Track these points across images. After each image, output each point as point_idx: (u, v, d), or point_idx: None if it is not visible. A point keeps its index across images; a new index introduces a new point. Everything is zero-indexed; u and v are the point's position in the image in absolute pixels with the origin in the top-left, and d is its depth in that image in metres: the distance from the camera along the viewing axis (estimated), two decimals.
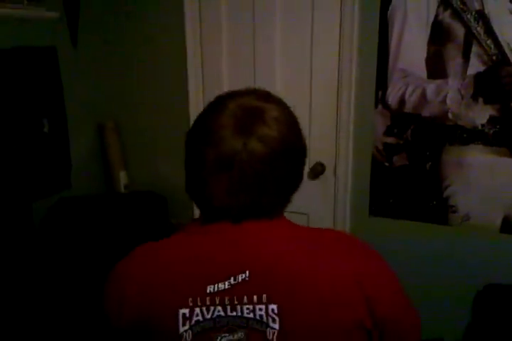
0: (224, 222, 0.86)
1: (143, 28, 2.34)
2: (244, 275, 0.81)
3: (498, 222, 1.89)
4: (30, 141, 2.13)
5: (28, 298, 1.98)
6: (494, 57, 1.76)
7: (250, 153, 0.81)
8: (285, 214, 0.93)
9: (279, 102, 0.90)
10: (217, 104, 0.88)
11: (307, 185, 2.08)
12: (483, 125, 1.83)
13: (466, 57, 1.80)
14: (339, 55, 2.00)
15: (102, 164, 2.53)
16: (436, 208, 1.97)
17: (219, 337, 0.79)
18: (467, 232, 1.94)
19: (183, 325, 0.80)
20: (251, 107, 0.85)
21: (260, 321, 0.79)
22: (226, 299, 0.80)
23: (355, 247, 0.90)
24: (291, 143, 0.86)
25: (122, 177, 2.46)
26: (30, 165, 2.13)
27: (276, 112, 0.86)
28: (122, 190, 2.46)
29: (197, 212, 2.65)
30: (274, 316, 0.79)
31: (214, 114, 0.86)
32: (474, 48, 1.78)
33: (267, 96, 0.89)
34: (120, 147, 2.48)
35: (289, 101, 0.93)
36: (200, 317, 0.80)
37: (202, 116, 0.89)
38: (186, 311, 0.80)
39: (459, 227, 1.95)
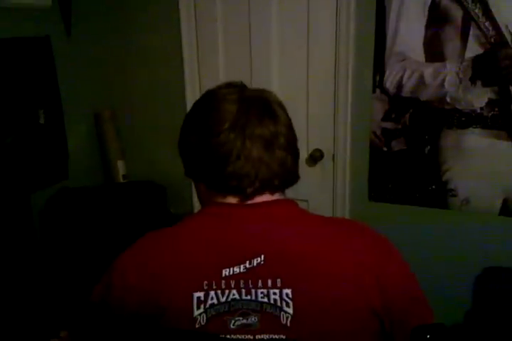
0: (243, 205, 0.88)
1: (138, 16, 2.31)
2: (259, 259, 0.82)
3: (498, 204, 1.89)
4: (27, 132, 2.12)
5: (27, 289, 1.99)
6: (492, 40, 1.74)
7: (277, 134, 0.87)
8: None
9: (262, 89, 0.95)
10: (217, 97, 0.92)
11: (306, 172, 2.11)
12: (481, 108, 1.82)
13: (464, 40, 1.79)
14: (336, 40, 1.99)
15: (100, 154, 2.52)
16: (435, 192, 1.97)
17: (233, 321, 0.80)
18: (467, 216, 1.94)
19: (198, 308, 0.80)
20: (256, 96, 0.91)
21: (274, 305, 0.79)
22: (241, 283, 0.81)
23: (366, 234, 0.91)
24: (290, 121, 0.94)
25: (120, 167, 2.45)
26: (27, 156, 2.13)
27: (274, 97, 0.93)
28: (121, 180, 2.45)
29: (196, 202, 2.65)
30: (288, 300, 0.79)
31: (216, 107, 0.89)
32: (472, 31, 1.76)
33: (254, 89, 0.94)
34: (117, 137, 2.47)
35: (286, 87, 0.98)
36: (215, 301, 0.80)
37: (196, 111, 0.94)
38: (201, 294, 0.81)
39: (459, 211, 1.95)
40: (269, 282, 0.80)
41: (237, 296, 0.80)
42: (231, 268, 0.82)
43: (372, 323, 0.82)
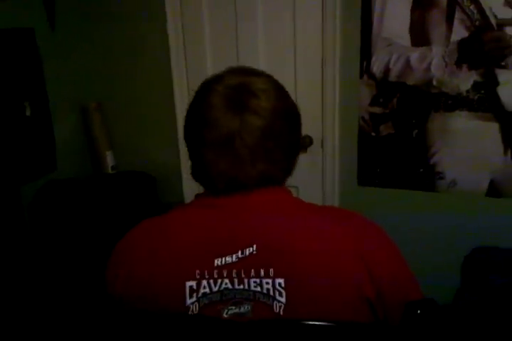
0: (231, 194, 0.87)
1: (123, 6, 2.28)
2: (251, 249, 0.82)
3: (485, 186, 1.92)
4: (13, 125, 2.09)
5: (17, 282, 1.99)
6: (477, 23, 1.76)
7: (248, 127, 0.84)
8: None
9: (261, 74, 0.92)
10: (205, 89, 0.90)
11: None
12: (467, 91, 1.84)
13: (449, 24, 1.80)
14: (322, 26, 1.99)
15: (88, 146, 2.50)
16: (423, 175, 2.00)
17: (226, 310, 0.80)
18: (454, 198, 1.98)
19: (190, 297, 0.81)
20: (237, 84, 0.87)
21: (267, 294, 0.80)
22: (233, 272, 0.81)
23: (356, 221, 0.91)
24: (282, 110, 0.89)
25: (109, 158, 2.44)
26: (14, 149, 2.11)
27: (262, 84, 0.88)
28: (109, 170, 2.44)
29: (187, 192, 2.64)
30: (280, 290, 0.80)
31: (204, 98, 0.88)
32: (457, 14, 1.78)
33: (249, 71, 0.92)
34: (105, 128, 2.45)
35: (273, 74, 0.95)
36: (207, 290, 0.81)
37: (194, 103, 0.92)
38: (193, 283, 0.81)
39: (446, 193, 1.98)
40: (262, 272, 0.81)
41: (229, 285, 0.81)
42: (223, 258, 0.82)
43: (365, 311, 0.83)
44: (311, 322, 0.78)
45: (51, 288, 2.04)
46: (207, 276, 0.82)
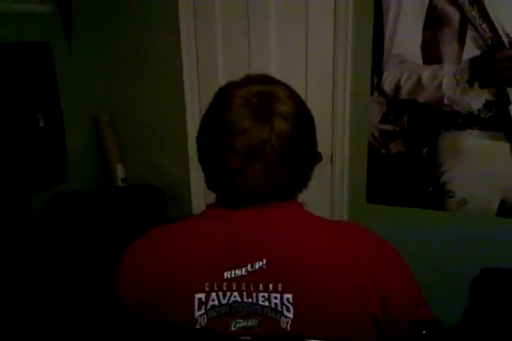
0: (245, 207, 0.86)
1: (137, 21, 2.33)
2: (261, 263, 0.81)
3: (495, 206, 1.90)
4: (26, 136, 2.12)
5: (26, 292, 1.99)
6: (489, 41, 1.76)
7: (278, 133, 0.83)
8: None
9: (279, 82, 0.93)
10: (226, 96, 0.88)
11: None
12: (479, 110, 1.83)
13: (461, 42, 1.80)
14: (334, 42, 2.00)
15: (99, 158, 2.52)
16: (433, 194, 1.98)
17: (234, 323, 0.80)
18: (464, 217, 1.95)
19: (199, 309, 0.80)
20: (261, 91, 0.86)
21: (275, 309, 0.79)
22: (243, 285, 0.81)
23: (370, 240, 0.90)
24: (305, 117, 0.90)
25: (119, 171, 2.46)
26: (26, 160, 2.13)
27: (284, 90, 0.88)
28: (120, 183, 2.46)
29: (196, 205, 2.64)
30: (288, 305, 0.79)
31: (229, 106, 0.86)
32: (469, 33, 1.78)
33: (268, 79, 0.92)
34: (116, 141, 2.48)
35: None
36: (216, 302, 0.80)
37: (213, 111, 0.90)
38: (202, 296, 0.81)
39: (456, 212, 1.96)
40: (271, 286, 0.80)
41: (238, 299, 0.80)
42: (233, 271, 0.82)
43: (372, 329, 0.82)
44: (316, 340, 0.77)
45: (60, 299, 2.04)
46: (216, 289, 0.81)
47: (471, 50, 1.79)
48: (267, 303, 0.80)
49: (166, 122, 2.39)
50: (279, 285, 0.80)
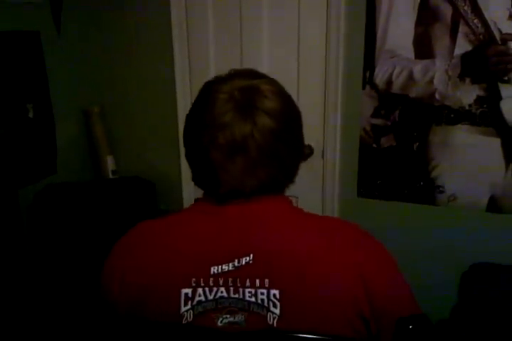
0: (232, 202, 0.86)
1: (128, 13, 2.30)
2: (248, 259, 0.81)
3: (485, 201, 1.91)
4: (15, 126, 2.10)
5: (14, 285, 1.98)
6: (481, 37, 1.76)
7: (262, 129, 0.82)
8: None
9: (266, 76, 0.92)
10: (211, 91, 0.88)
11: None
12: (470, 105, 1.84)
13: (453, 37, 1.80)
14: (326, 37, 1.99)
15: (89, 150, 2.50)
16: (423, 189, 1.99)
17: (220, 318, 0.79)
18: (454, 212, 1.96)
19: (185, 304, 0.80)
20: (245, 86, 0.86)
21: (261, 305, 0.79)
22: (229, 281, 0.80)
23: (357, 236, 0.89)
24: (291, 112, 0.89)
25: (110, 163, 2.44)
26: (15, 151, 2.11)
27: (269, 85, 0.87)
28: (110, 175, 2.44)
29: (186, 198, 2.63)
30: (275, 301, 0.79)
31: (212, 101, 0.86)
32: (461, 28, 1.78)
33: (254, 74, 0.91)
34: (106, 132, 2.46)
35: None
36: (202, 298, 0.80)
37: (198, 106, 0.90)
38: (189, 291, 0.81)
39: (446, 207, 1.97)
40: (257, 282, 0.80)
41: (224, 294, 0.80)
42: (220, 266, 0.81)
43: (359, 326, 0.81)
44: (302, 335, 0.77)
45: (49, 291, 2.03)
46: (202, 284, 0.81)
47: (463, 46, 1.79)
48: (253, 299, 0.79)
49: (157, 113, 2.37)
50: (266, 280, 0.80)
